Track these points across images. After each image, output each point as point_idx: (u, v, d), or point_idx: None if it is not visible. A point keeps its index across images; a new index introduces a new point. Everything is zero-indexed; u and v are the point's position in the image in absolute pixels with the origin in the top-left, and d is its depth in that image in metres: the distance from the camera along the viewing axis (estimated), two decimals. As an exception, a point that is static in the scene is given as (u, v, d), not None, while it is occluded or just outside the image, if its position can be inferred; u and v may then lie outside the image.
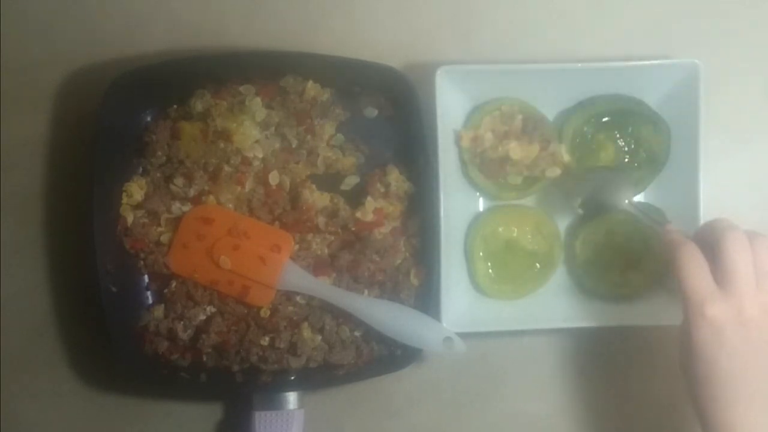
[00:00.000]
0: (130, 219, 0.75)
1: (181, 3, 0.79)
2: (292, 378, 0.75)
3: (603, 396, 0.79)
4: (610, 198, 0.74)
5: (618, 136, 0.77)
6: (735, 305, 0.61)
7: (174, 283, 0.75)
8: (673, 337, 0.66)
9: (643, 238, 0.76)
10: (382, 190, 0.76)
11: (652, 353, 0.78)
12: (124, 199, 0.75)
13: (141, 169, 0.76)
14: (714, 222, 0.65)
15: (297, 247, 0.75)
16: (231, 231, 0.75)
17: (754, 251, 0.62)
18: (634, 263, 0.76)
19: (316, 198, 0.76)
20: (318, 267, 0.75)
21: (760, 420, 0.61)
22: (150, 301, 0.76)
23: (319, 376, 0.75)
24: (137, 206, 0.76)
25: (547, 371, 0.79)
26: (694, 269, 0.63)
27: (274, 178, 0.75)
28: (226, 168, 0.75)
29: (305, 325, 0.75)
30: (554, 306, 0.77)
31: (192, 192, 0.75)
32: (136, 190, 0.75)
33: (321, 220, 0.75)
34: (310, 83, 0.76)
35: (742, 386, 0.61)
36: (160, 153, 0.75)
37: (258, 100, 0.75)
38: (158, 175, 0.76)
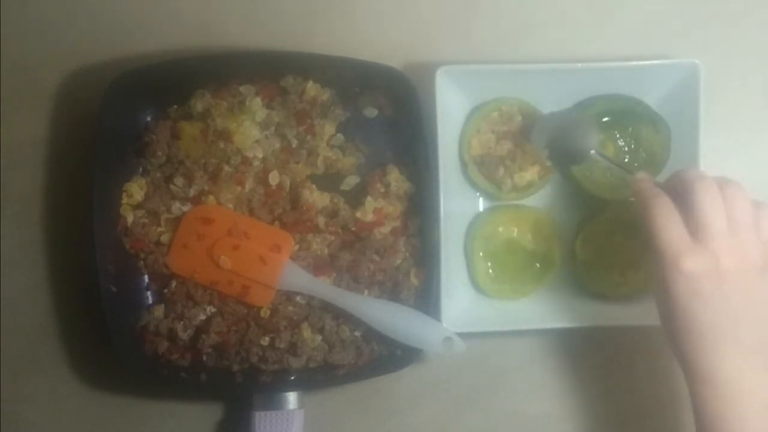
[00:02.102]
0: (130, 219, 0.75)
1: (181, 3, 0.79)
2: (292, 378, 0.74)
3: (603, 396, 0.79)
4: (575, 145, 0.72)
5: (618, 136, 0.77)
6: (711, 257, 0.60)
7: (174, 283, 0.75)
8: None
9: (643, 237, 0.76)
10: (382, 190, 0.75)
11: (652, 353, 0.78)
12: (124, 199, 0.75)
13: (141, 169, 0.76)
14: (682, 172, 0.64)
15: (297, 247, 0.75)
16: (231, 231, 0.75)
17: (725, 199, 0.61)
18: (634, 263, 0.76)
19: (316, 198, 0.76)
20: (318, 267, 0.75)
21: (740, 365, 0.61)
22: (150, 301, 0.76)
23: (319, 376, 0.75)
24: (137, 206, 0.76)
25: (547, 371, 0.79)
26: (668, 222, 0.62)
27: (274, 178, 0.75)
28: (226, 168, 0.75)
29: (305, 325, 0.74)
30: (554, 306, 0.76)
31: (192, 192, 0.75)
32: (136, 190, 0.75)
33: (321, 220, 0.75)
34: (310, 83, 0.76)
35: (720, 335, 0.61)
36: (160, 153, 0.75)
37: (258, 100, 0.75)
38: (158, 175, 0.76)
